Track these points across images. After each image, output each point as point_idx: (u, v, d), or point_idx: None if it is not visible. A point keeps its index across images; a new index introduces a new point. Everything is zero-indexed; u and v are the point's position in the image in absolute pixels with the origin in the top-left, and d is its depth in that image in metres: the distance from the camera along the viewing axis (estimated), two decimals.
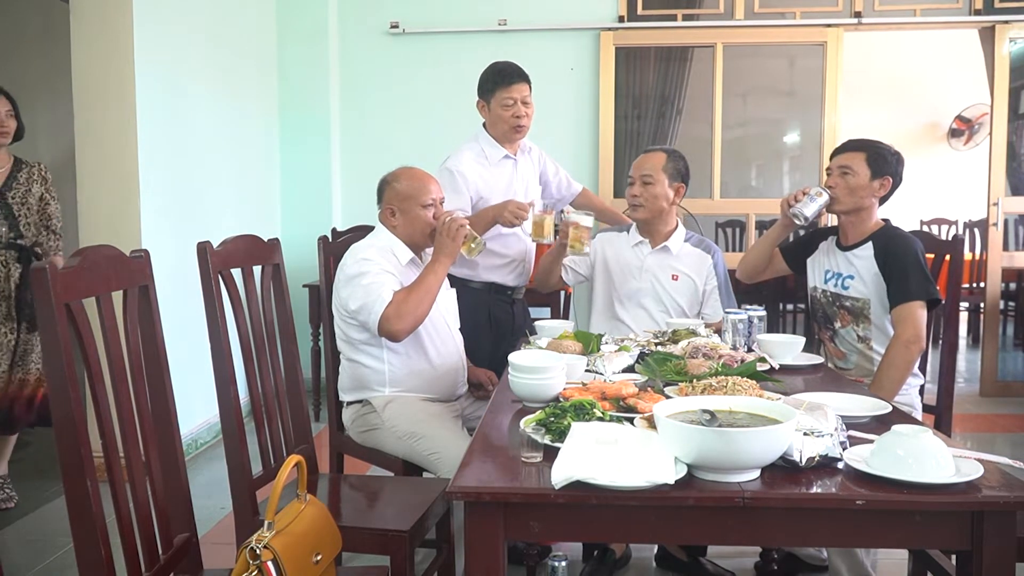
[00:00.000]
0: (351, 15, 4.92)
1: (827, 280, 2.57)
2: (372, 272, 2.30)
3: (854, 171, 2.46)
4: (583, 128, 4.88)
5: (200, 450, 3.85)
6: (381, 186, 2.50)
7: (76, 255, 1.38)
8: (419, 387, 2.41)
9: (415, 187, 2.43)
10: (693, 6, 5.01)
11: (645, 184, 2.70)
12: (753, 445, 1.28)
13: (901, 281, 2.37)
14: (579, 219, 2.62)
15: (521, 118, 2.84)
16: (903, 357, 2.33)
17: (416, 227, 2.43)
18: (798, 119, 5.62)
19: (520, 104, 2.83)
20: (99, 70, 3.34)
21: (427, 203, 2.42)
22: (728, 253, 5.46)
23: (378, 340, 2.34)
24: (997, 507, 1.26)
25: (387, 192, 2.47)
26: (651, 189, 2.69)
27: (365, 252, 2.36)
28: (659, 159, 2.73)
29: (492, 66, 2.92)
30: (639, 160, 2.76)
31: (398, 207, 2.43)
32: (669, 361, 2.01)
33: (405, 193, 2.43)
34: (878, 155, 2.47)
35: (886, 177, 2.46)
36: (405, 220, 2.43)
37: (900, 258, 2.38)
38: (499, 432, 1.66)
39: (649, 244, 2.78)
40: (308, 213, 4.84)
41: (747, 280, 2.82)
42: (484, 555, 1.32)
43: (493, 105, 2.85)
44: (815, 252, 2.65)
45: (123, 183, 3.37)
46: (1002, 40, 4.68)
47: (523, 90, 2.85)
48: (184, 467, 1.62)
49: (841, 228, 2.57)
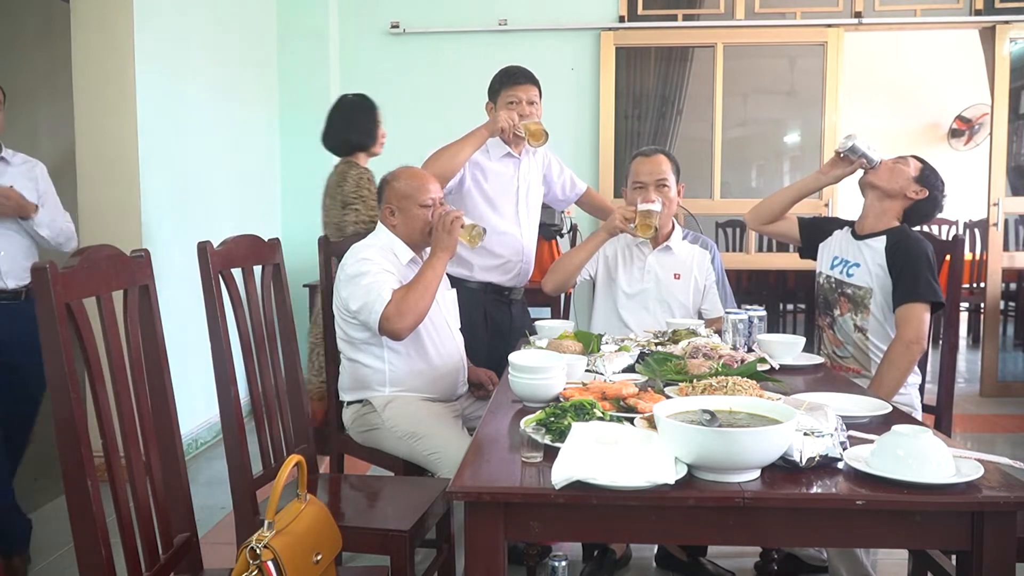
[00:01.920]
0: (351, 15, 4.92)
1: (833, 266, 2.59)
2: (372, 272, 2.30)
3: (907, 162, 2.51)
4: (583, 128, 4.88)
5: (200, 450, 3.85)
6: (381, 186, 2.50)
7: (76, 255, 1.38)
8: (420, 387, 2.40)
9: (414, 186, 2.43)
10: (693, 6, 5.01)
11: (661, 189, 2.68)
12: (753, 445, 1.28)
13: (909, 281, 2.37)
14: (649, 207, 2.58)
15: (524, 117, 2.84)
16: (904, 357, 2.33)
17: (415, 226, 2.43)
18: (798, 119, 5.62)
19: (524, 103, 2.83)
20: (100, 69, 3.34)
21: (426, 203, 2.42)
22: (728, 253, 5.47)
23: (379, 339, 2.34)
24: (997, 507, 1.26)
25: (386, 191, 2.47)
26: (667, 193, 2.68)
27: (365, 252, 2.36)
28: (666, 162, 2.72)
29: (502, 68, 2.94)
30: (647, 166, 2.71)
31: (397, 206, 2.44)
32: (669, 361, 2.01)
33: (404, 192, 2.43)
34: (928, 168, 2.52)
35: (925, 189, 2.49)
36: (404, 219, 2.43)
37: (912, 259, 2.39)
38: (499, 432, 1.65)
39: (650, 244, 2.78)
40: (308, 213, 4.81)
41: (754, 223, 2.80)
42: (484, 555, 1.32)
43: (499, 104, 2.86)
44: (829, 238, 2.66)
45: (123, 183, 3.38)
46: (1002, 40, 4.68)
47: (529, 91, 2.85)
48: (184, 467, 1.62)
49: (862, 215, 2.58)
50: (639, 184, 2.71)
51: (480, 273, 2.90)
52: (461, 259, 2.87)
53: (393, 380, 2.39)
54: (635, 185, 2.72)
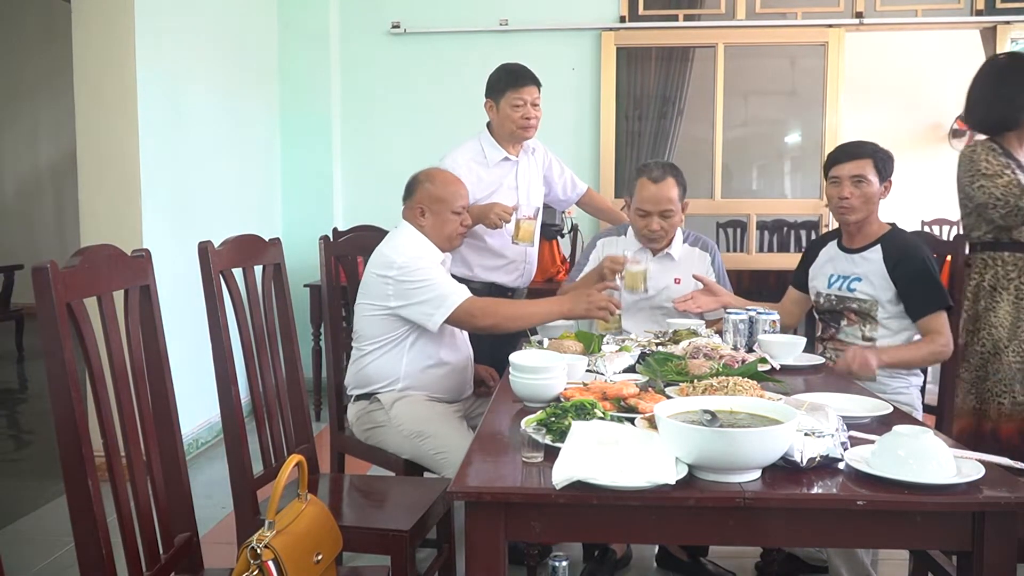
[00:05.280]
0: (352, 15, 4.92)
1: (831, 284, 2.55)
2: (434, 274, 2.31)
3: (868, 180, 2.42)
4: (584, 128, 4.88)
5: (201, 449, 3.85)
6: (412, 184, 2.49)
7: (77, 255, 1.38)
8: (430, 385, 2.40)
9: (450, 192, 2.44)
10: (694, 6, 5.01)
11: (666, 218, 2.64)
12: (754, 445, 1.28)
13: (927, 291, 2.36)
14: (633, 267, 2.52)
15: (530, 119, 2.84)
16: (934, 355, 2.36)
17: (445, 231, 2.44)
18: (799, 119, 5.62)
19: (529, 106, 2.83)
20: (100, 70, 3.34)
21: (458, 209, 2.43)
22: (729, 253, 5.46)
23: (404, 336, 2.34)
24: (998, 508, 1.26)
25: (419, 191, 2.46)
26: (671, 221, 2.66)
27: (414, 251, 2.35)
28: (673, 187, 2.62)
29: (503, 67, 2.91)
30: (653, 195, 2.62)
31: (429, 208, 2.43)
32: (670, 361, 2.01)
33: (438, 196, 2.43)
34: (882, 159, 2.46)
35: (888, 180, 2.47)
36: (435, 222, 2.43)
37: (920, 268, 2.37)
38: (500, 432, 1.66)
39: (651, 252, 2.76)
40: (309, 213, 4.84)
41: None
42: (485, 555, 1.32)
43: (502, 105, 2.85)
44: (816, 261, 2.63)
45: (124, 182, 3.37)
46: (1003, 41, 4.68)
47: (533, 92, 2.85)
48: (185, 466, 1.62)
49: (846, 231, 2.54)
50: (643, 212, 2.64)
51: (483, 273, 2.90)
52: (463, 259, 2.87)
53: (407, 376, 2.38)
54: (639, 212, 2.66)
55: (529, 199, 2.97)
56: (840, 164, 2.47)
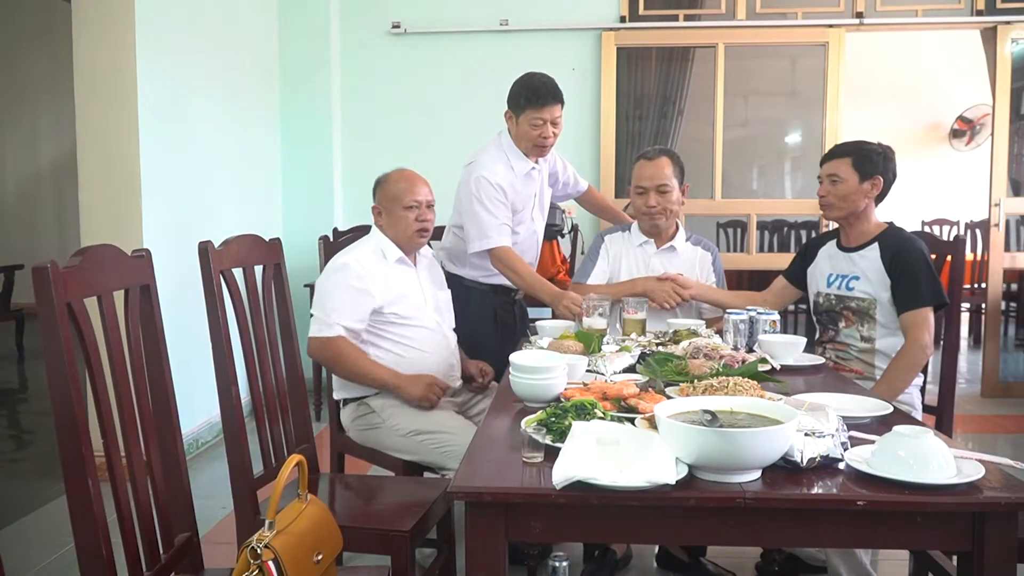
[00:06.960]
0: (353, 15, 4.92)
1: (830, 283, 2.56)
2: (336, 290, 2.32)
3: (842, 178, 2.48)
4: (584, 128, 4.88)
5: (201, 449, 3.85)
6: (375, 186, 2.54)
7: (77, 254, 1.38)
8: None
9: (401, 188, 2.45)
10: (695, 6, 5.01)
11: (662, 193, 2.69)
12: (754, 446, 1.28)
13: (913, 286, 2.36)
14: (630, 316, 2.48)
15: (547, 139, 2.81)
16: (917, 361, 2.34)
17: (398, 228, 2.45)
18: (800, 119, 5.61)
19: (548, 125, 2.78)
20: (101, 69, 3.34)
21: (409, 204, 2.43)
22: (729, 253, 5.47)
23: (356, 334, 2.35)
24: (998, 508, 1.26)
25: (378, 192, 2.51)
26: (668, 197, 2.69)
27: (348, 257, 2.38)
28: (667, 165, 2.71)
29: (528, 80, 2.81)
30: (648, 170, 2.70)
31: (384, 207, 2.47)
32: (670, 361, 2.01)
33: (390, 194, 2.46)
34: (863, 157, 2.47)
35: (875, 177, 2.46)
36: (390, 220, 2.46)
37: (911, 263, 2.38)
38: (500, 432, 1.66)
39: (654, 244, 2.78)
40: (309, 213, 4.84)
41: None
42: (485, 555, 1.32)
43: (521, 121, 2.79)
44: (815, 260, 2.65)
45: (125, 182, 3.38)
46: (1004, 41, 4.68)
47: (554, 111, 2.78)
48: (185, 466, 1.62)
49: (842, 230, 2.57)
50: (640, 189, 2.72)
51: (487, 276, 2.91)
52: (467, 261, 2.88)
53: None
54: (637, 190, 2.74)
55: (543, 202, 2.99)
56: (823, 164, 2.57)
